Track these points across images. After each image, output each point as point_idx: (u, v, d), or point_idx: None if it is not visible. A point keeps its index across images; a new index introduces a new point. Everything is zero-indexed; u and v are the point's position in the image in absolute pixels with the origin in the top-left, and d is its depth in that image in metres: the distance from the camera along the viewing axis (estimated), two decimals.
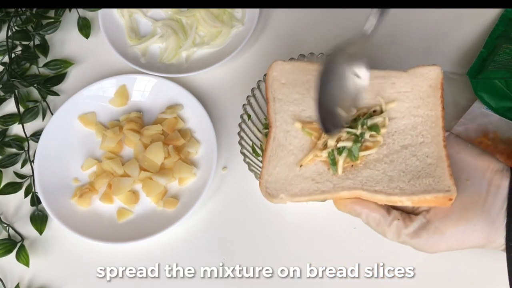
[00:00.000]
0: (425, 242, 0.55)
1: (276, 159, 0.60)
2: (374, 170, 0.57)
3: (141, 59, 0.84)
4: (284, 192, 0.57)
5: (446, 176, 0.55)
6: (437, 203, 0.55)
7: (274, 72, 0.63)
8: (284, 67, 0.63)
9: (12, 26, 0.86)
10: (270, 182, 0.58)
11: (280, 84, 0.62)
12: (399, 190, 0.55)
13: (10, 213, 0.78)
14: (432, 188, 0.55)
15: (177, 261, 0.73)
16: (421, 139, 0.58)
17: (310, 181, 0.57)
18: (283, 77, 0.63)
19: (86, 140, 0.80)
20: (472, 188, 0.56)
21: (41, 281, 0.73)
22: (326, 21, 0.85)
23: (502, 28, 0.79)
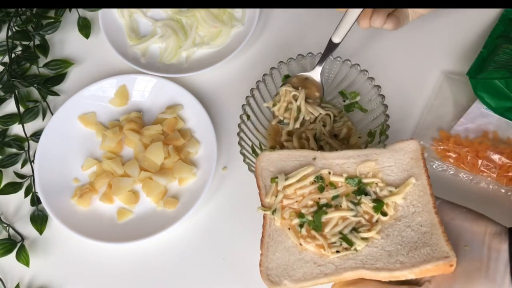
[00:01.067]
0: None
1: (275, 244, 0.59)
2: (373, 247, 0.57)
3: (141, 59, 0.84)
4: (287, 278, 0.57)
5: (442, 242, 0.55)
6: (439, 271, 0.54)
7: (262, 162, 0.64)
8: (270, 157, 0.64)
9: (12, 26, 0.86)
10: (271, 269, 0.58)
11: (269, 172, 0.63)
12: (400, 264, 0.55)
13: (10, 213, 0.78)
14: (431, 256, 0.54)
15: (177, 261, 0.73)
16: (413, 209, 0.58)
17: (312, 264, 0.57)
18: (271, 166, 0.64)
19: (86, 140, 0.80)
20: (472, 254, 0.55)
21: (41, 281, 0.73)
22: (325, 21, 0.85)
23: (502, 28, 0.79)
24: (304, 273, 0.56)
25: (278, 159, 0.64)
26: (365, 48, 0.82)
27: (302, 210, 0.59)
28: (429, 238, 0.56)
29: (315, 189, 0.61)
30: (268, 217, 0.61)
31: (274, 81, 0.75)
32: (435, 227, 0.56)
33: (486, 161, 0.71)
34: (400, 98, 0.78)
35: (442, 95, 0.78)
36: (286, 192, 0.61)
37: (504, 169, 0.71)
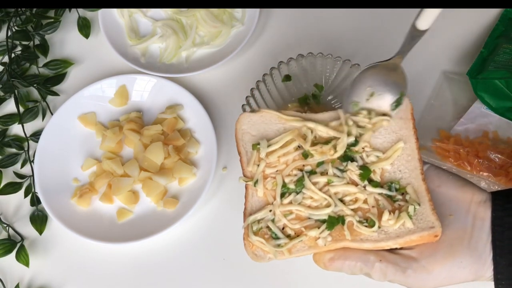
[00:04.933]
0: (413, 280, 0.53)
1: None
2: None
3: (141, 59, 0.84)
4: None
5: (428, 212, 0.53)
6: (423, 241, 0.53)
7: (243, 125, 0.61)
8: (252, 119, 0.61)
9: (12, 26, 0.86)
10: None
11: (250, 137, 0.60)
12: (385, 235, 0.53)
13: (10, 213, 0.78)
14: (416, 227, 0.53)
15: (177, 261, 0.73)
16: (399, 175, 0.56)
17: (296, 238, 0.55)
18: (252, 129, 0.61)
19: (86, 140, 0.80)
20: (456, 223, 0.54)
21: (41, 281, 0.73)
22: (325, 21, 0.85)
23: (502, 28, 0.79)
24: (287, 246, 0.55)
25: (260, 122, 0.61)
26: (365, 48, 0.82)
27: (286, 179, 0.57)
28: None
29: (299, 155, 0.58)
30: (250, 187, 0.58)
31: (274, 81, 0.75)
32: (421, 195, 0.55)
33: (486, 161, 0.71)
34: None
35: (442, 95, 0.78)
36: (269, 159, 0.58)
37: (504, 169, 0.71)
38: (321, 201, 0.56)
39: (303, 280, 0.70)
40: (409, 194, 0.55)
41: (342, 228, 0.54)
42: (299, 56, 0.75)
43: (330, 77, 0.76)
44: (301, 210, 0.56)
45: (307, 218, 0.56)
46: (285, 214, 0.56)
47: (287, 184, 0.57)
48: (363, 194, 0.55)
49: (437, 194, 0.56)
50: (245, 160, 0.60)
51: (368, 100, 0.60)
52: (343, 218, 0.55)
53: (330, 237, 0.54)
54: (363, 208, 0.55)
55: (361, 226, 0.54)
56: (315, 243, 0.54)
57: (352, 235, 0.54)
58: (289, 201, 0.56)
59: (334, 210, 0.55)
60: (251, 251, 0.56)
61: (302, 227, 0.55)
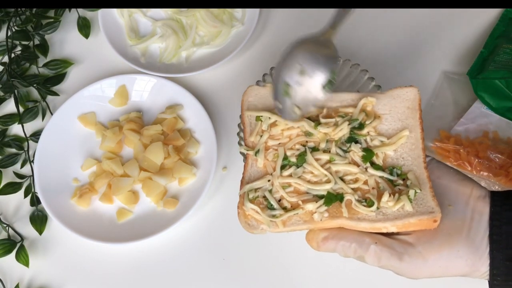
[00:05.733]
0: (407, 267, 0.52)
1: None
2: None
3: (141, 59, 0.84)
4: None
5: (428, 197, 0.53)
6: (422, 226, 0.52)
7: (250, 97, 0.61)
8: (259, 92, 0.61)
9: (12, 26, 0.86)
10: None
11: (256, 109, 0.60)
12: (382, 216, 0.53)
13: (10, 213, 0.78)
14: (415, 211, 0.53)
15: (177, 261, 0.73)
16: (402, 162, 0.57)
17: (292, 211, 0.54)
18: (259, 102, 0.60)
19: (86, 140, 0.80)
20: (455, 214, 0.54)
21: (41, 281, 0.73)
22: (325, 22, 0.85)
23: (502, 28, 0.79)
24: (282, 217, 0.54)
25: (267, 95, 0.60)
26: (365, 48, 0.82)
27: (287, 152, 0.57)
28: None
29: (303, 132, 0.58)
30: (250, 157, 0.58)
31: None
32: (423, 181, 0.55)
33: (486, 161, 0.71)
34: None
35: (442, 95, 0.78)
36: (272, 132, 0.58)
37: (504, 169, 0.71)
38: (321, 177, 0.55)
39: (303, 280, 0.70)
40: (410, 180, 0.55)
41: (340, 205, 0.54)
42: None
43: None
44: (300, 184, 0.55)
45: (306, 192, 0.55)
46: (283, 186, 0.56)
47: (288, 157, 0.57)
48: (364, 175, 0.55)
49: (437, 185, 0.56)
50: (248, 131, 0.60)
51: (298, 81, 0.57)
52: (342, 195, 0.54)
53: (327, 213, 0.54)
54: (362, 189, 0.55)
55: (360, 205, 0.53)
56: (311, 217, 0.54)
57: (349, 213, 0.53)
58: (289, 173, 0.56)
59: (333, 187, 0.55)
60: (244, 221, 0.55)
61: (299, 201, 0.55)
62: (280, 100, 0.58)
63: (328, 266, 0.70)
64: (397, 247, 0.53)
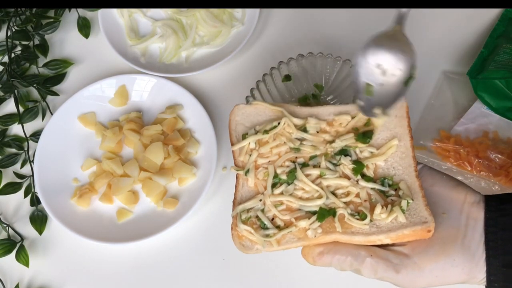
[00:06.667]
0: (404, 278, 0.52)
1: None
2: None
3: (141, 59, 0.84)
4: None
5: (421, 207, 0.53)
6: (416, 236, 0.52)
7: (237, 116, 0.61)
8: (246, 111, 0.61)
9: (12, 26, 0.86)
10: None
11: (244, 128, 0.60)
12: (376, 229, 0.53)
13: (10, 213, 0.78)
14: (408, 221, 0.52)
15: (177, 261, 0.73)
16: (393, 171, 0.56)
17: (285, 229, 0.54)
18: (246, 121, 0.60)
19: (86, 140, 0.80)
20: (449, 221, 0.53)
21: (40, 281, 0.73)
22: (325, 21, 0.85)
23: (502, 28, 0.79)
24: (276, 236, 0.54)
25: (255, 113, 0.60)
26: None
27: (278, 170, 0.56)
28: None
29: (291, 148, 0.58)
30: (241, 177, 0.58)
31: (274, 81, 0.75)
32: (415, 191, 0.54)
33: (486, 161, 0.71)
34: None
35: (442, 95, 0.78)
36: (261, 150, 0.58)
37: (504, 169, 0.71)
38: (313, 193, 0.55)
39: (302, 280, 0.70)
40: (402, 190, 0.55)
41: (333, 220, 0.54)
42: (299, 56, 0.75)
43: (330, 77, 0.76)
44: (292, 201, 0.55)
45: (298, 209, 0.55)
46: (275, 205, 0.55)
47: (279, 174, 0.56)
48: (356, 188, 0.55)
49: (430, 193, 0.55)
50: (237, 151, 0.59)
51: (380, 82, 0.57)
52: (334, 210, 0.54)
53: (320, 228, 0.53)
54: (355, 202, 0.55)
55: (353, 218, 0.53)
56: (305, 234, 0.54)
57: (343, 227, 0.53)
58: (280, 191, 0.56)
59: (325, 202, 0.54)
60: (239, 242, 0.55)
61: (292, 218, 0.54)
62: (361, 98, 0.57)
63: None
64: (392, 259, 0.52)
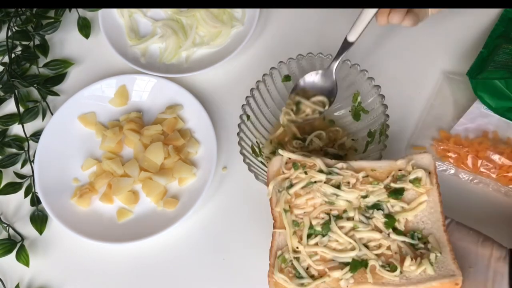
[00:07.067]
0: None
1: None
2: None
3: (141, 59, 0.84)
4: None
5: (449, 261, 0.55)
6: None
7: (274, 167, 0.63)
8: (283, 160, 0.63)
9: (12, 26, 0.86)
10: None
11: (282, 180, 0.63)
12: (406, 280, 0.55)
13: (10, 213, 0.78)
14: (437, 274, 0.54)
15: (177, 261, 0.73)
16: (422, 226, 0.58)
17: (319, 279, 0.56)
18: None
19: (86, 140, 0.80)
20: (476, 276, 0.55)
21: (41, 281, 0.73)
22: (325, 21, 0.85)
23: (502, 28, 0.79)
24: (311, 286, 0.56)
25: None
26: (365, 48, 0.82)
27: (313, 221, 0.59)
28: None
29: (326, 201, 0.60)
30: (277, 232, 0.60)
31: (274, 81, 0.75)
32: (443, 244, 0.56)
33: (486, 161, 0.71)
34: (400, 98, 0.78)
35: (442, 95, 0.78)
36: (296, 201, 0.60)
37: (504, 169, 0.71)
38: (346, 244, 0.58)
39: None
40: (431, 243, 0.57)
41: (364, 271, 0.56)
42: (299, 56, 0.75)
43: None
44: (326, 252, 0.57)
45: (331, 260, 0.57)
46: (310, 255, 0.58)
47: (314, 226, 0.59)
48: (387, 241, 0.57)
49: (457, 247, 0.57)
50: (274, 201, 0.62)
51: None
52: (367, 262, 0.56)
53: (352, 279, 0.56)
54: (386, 254, 0.57)
55: (384, 270, 0.55)
56: (338, 284, 0.56)
57: (374, 278, 0.55)
58: (315, 242, 0.58)
59: (358, 254, 0.57)
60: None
61: (326, 268, 0.57)
62: None
63: None
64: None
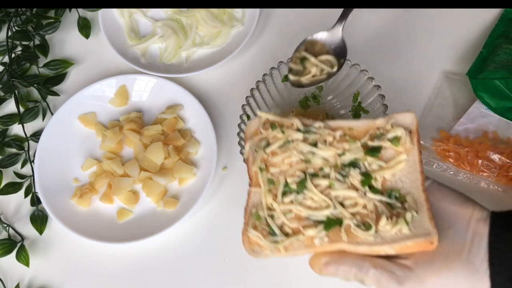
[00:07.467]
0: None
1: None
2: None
3: (141, 59, 0.84)
4: None
5: (425, 220, 0.54)
6: (419, 248, 0.53)
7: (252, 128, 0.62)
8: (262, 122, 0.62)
9: (12, 26, 0.86)
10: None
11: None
12: (380, 239, 0.54)
13: (10, 213, 0.78)
14: (412, 233, 0.53)
15: (177, 261, 0.73)
16: (400, 185, 0.57)
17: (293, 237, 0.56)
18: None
19: (86, 140, 0.80)
20: (455, 237, 0.54)
21: (41, 281, 0.73)
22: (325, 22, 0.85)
23: (502, 28, 0.79)
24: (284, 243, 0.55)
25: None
26: (365, 48, 0.82)
27: (288, 179, 0.58)
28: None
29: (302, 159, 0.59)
30: (252, 190, 0.59)
31: (274, 81, 0.75)
32: (420, 204, 0.55)
33: (486, 161, 0.71)
34: (400, 98, 0.78)
35: (442, 95, 0.78)
36: (273, 160, 0.59)
37: (504, 169, 0.71)
38: (321, 202, 0.57)
39: (302, 280, 0.70)
40: (408, 203, 0.56)
41: (339, 230, 0.55)
42: None
43: None
44: (300, 210, 0.57)
45: (306, 218, 0.57)
46: (284, 213, 0.57)
47: (289, 184, 0.58)
48: (363, 200, 0.56)
49: (437, 208, 0.56)
50: (251, 160, 0.61)
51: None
52: (341, 220, 0.55)
53: (326, 237, 0.55)
54: (361, 213, 0.56)
55: (358, 229, 0.55)
56: (312, 242, 0.55)
57: (348, 237, 0.55)
58: (289, 200, 0.57)
59: (333, 212, 0.56)
60: (249, 247, 0.57)
61: (300, 226, 0.56)
62: None
63: None
64: (396, 271, 0.53)
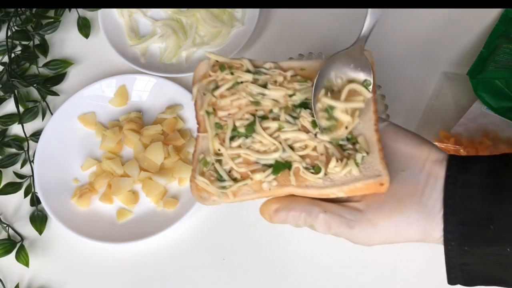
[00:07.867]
0: (358, 234, 0.51)
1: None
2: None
3: (141, 59, 0.84)
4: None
5: (376, 160, 0.51)
6: (369, 190, 0.51)
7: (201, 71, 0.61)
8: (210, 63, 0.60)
9: (12, 26, 0.86)
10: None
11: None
12: (330, 182, 0.51)
13: (10, 213, 0.78)
14: (362, 175, 0.51)
15: (177, 261, 0.73)
16: None
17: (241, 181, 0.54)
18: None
19: (86, 140, 0.80)
20: (408, 179, 0.52)
21: (41, 281, 0.73)
22: (326, 21, 0.85)
23: (502, 28, 0.79)
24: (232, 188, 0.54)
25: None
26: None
27: (237, 122, 0.56)
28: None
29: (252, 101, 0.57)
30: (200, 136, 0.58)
31: None
32: (372, 145, 0.53)
33: None
34: (400, 98, 0.78)
35: (442, 95, 0.78)
36: (221, 103, 0.58)
37: None
38: (270, 146, 0.55)
39: (302, 280, 0.70)
40: (359, 144, 0.54)
41: (288, 173, 0.53)
42: (298, 55, 0.75)
43: None
44: (249, 154, 0.55)
45: (255, 162, 0.55)
46: (232, 158, 0.55)
47: (237, 127, 0.56)
48: (313, 142, 0.54)
49: (392, 149, 0.54)
50: (199, 104, 0.59)
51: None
52: (290, 163, 0.54)
53: (275, 181, 0.53)
54: (311, 156, 0.54)
55: (307, 172, 0.53)
56: (260, 187, 0.53)
57: (297, 181, 0.53)
58: (237, 144, 0.55)
59: (281, 155, 0.54)
60: (197, 193, 0.55)
61: (248, 171, 0.54)
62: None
63: (328, 265, 0.70)
64: (346, 215, 0.51)
